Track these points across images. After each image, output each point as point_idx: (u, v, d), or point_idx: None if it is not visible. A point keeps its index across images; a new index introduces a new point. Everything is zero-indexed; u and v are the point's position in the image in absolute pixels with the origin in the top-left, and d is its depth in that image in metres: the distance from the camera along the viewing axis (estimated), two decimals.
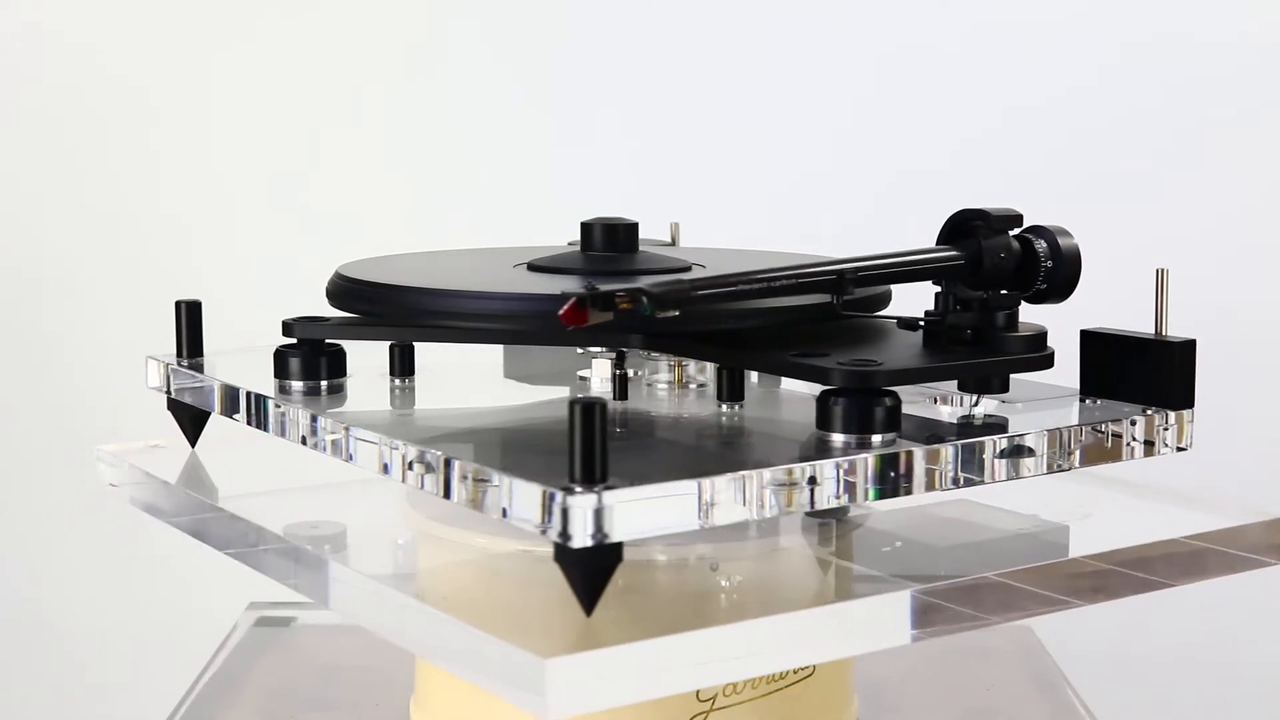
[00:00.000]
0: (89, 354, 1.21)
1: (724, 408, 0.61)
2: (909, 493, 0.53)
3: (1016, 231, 0.60)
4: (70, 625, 1.23)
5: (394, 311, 0.62)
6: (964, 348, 0.58)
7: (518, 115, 1.18)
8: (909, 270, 0.59)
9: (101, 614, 1.23)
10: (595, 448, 0.47)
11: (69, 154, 1.20)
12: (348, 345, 0.66)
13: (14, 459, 1.22)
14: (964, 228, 0.60)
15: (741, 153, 1.18)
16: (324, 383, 0.64)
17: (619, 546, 0.48)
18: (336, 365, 0.65)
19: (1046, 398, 0.62)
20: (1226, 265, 1.16)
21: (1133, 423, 0.58)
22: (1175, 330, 0.62)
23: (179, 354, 0.70)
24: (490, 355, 0.73)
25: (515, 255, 0.69)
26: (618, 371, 0.63)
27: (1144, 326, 0.63)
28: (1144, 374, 0.60)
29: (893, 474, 0.52)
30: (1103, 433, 0.58)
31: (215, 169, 1.20)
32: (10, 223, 1.21)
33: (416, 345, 0.67)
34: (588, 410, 0.46)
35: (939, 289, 0.59)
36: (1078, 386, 0.62)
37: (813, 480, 0.51)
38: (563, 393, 0.68)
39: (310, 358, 0.64)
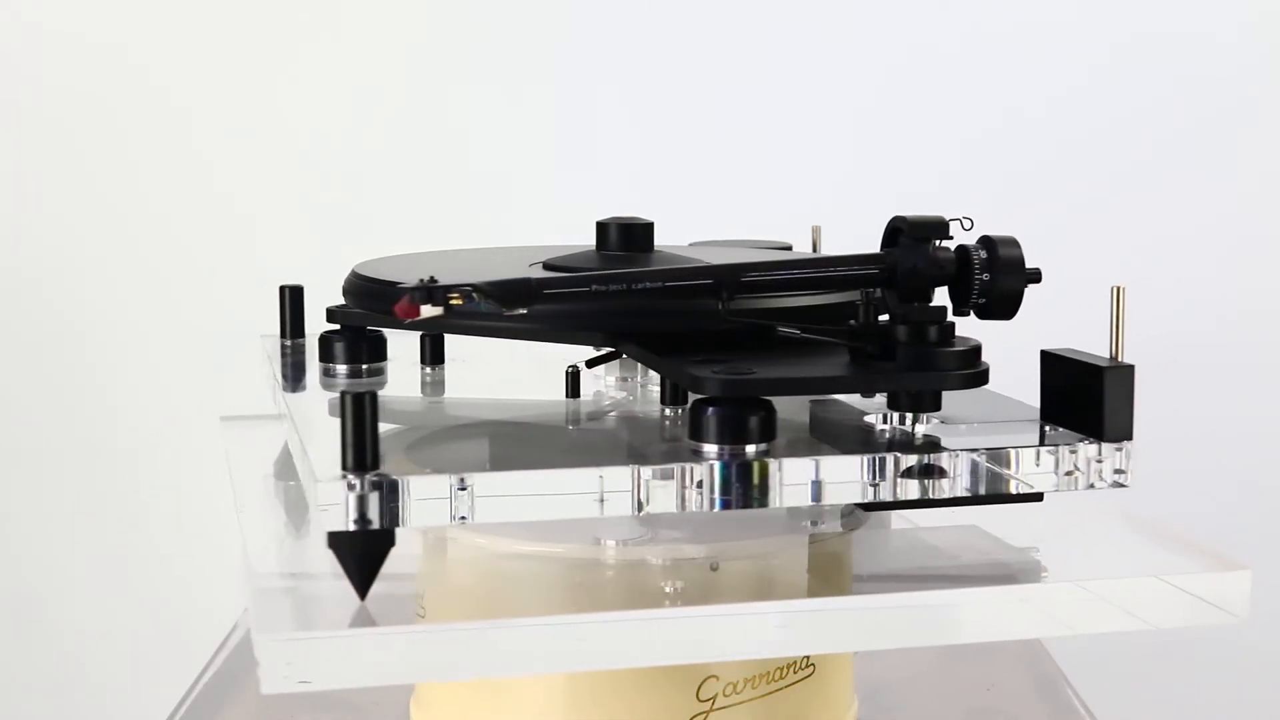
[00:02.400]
0: (92, 353, 1.21)
1: (668, 411, 0.62)
2: (762, 504, 0.51)
3: (959, 241, 0.56)
4: (70, 625, 1.23)
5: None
6: (885, 362, 0.54)
7: (520, 116, 1.18)
8: (814, 279, 0.57)
9: (101, 614, 1.23)
10: (365, 437, 0.48)
11: (83, 150, 1.20)
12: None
13: (14, 459, 1.22)
14: (895, 236, 0.57)
15: (741, 153, 1.18)
16: (365, 366, 0.68)
17: (389, 533, 0.49)
18: (377, 350, 0.69)
19: (998, 420, 0.58)
20: (1229, 266, 1.16)
21: (1051, 453, 0.53)
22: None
23: (283, 334, 0.74)
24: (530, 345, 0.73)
25: (531, 254, 0.69)
26: (570, 369, 0.64)
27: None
28: (1087, 400, 0.55)
29: (738, 485, 0.51)
30: (994, 462, 0.53)
31: (217, 170, 1.20)
32: (12, 220, 1.21)
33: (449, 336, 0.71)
34: (358, 401, 0.48)
35: (862, 299, 0.55)
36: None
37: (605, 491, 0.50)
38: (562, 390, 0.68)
39: (354, 343, 0.68)
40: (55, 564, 1.22)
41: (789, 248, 0.76)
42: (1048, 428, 0.56)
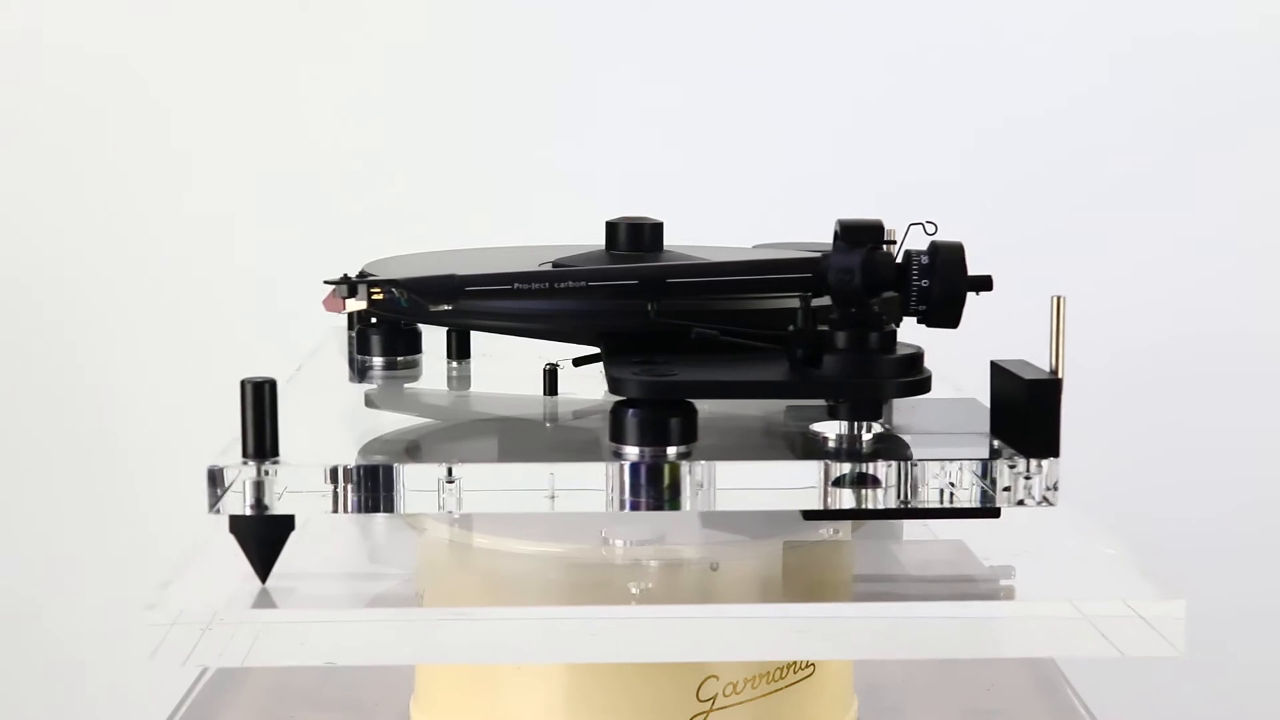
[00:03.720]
0: (89, 354, 1.21)
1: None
2: (674, 507, 0.51)
3: (907, 246, 0.54)
4: (70, 625, 1.23)
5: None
6: (814, 368, 0.53)
7: (524, 117, 1.18)
8: (742, 282, 0.56)
9: (101, 614, 1.22)
10: (265, 424, 0.50)
11: (83, 149, 1.20)
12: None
13: (14, 459, 1.22)
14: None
15: (742, 154, 1.18)
16: (399, 358, 0.70)
17: (289, 518, 0.51)
18: (412, 343, 0.71)
19: (949, 431, 0.56)
20: (1229, 274, 1.16)
21: (973, 469, 0.51)
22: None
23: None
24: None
25: (542, 254, 0.69)
26: (547, 367, 0.64)
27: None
28: (1018, 415, 0.52)
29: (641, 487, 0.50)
30: (907, 477, 0.51)
31: (218, 171, 1.20)
32: (7, 223, 1.21)
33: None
34: (257, 390, 0.50)
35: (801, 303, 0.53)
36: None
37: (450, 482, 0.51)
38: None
39: (390, 336, 0.70)
40: (54, 564, 1.22)
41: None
42: (996, 442, 0.53)
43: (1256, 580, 1.17)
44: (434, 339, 0.73)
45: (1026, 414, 0.51)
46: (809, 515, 0.52)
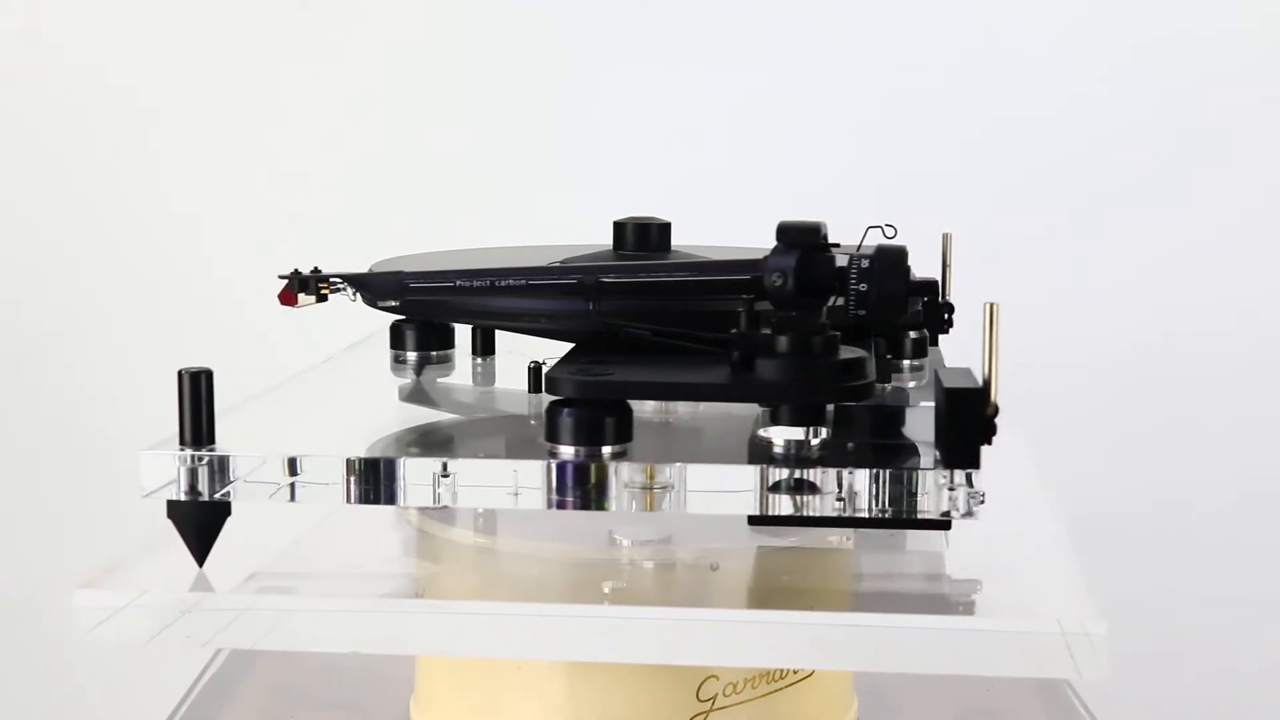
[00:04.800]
0: (88, 354, 1.21)
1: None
2: (600, 508, 0.51)
3: (861, 249, 0.53)
4: (70, 625, 1.23)
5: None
6: (749, 372, 0.52)
7: (526, 117, 1.18)
8: (679, 284, 0.55)
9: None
10: (201, 414, 0.52)
11: (61, 153, 1.20)
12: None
13: (13, 459, 1.22)
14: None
15: (743, 155, 1.18)
16: (433, 353, 0.71)
17: (225, 504, 0.53)
18: (445, 338, 0.71)
19: (896, 441, 0.55)
20: (1231, 273, 1.16)
21: (896, 478, 0.49)
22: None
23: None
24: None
25: (550, 254, 0.69)
26: (532, 365, 0.65)
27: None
28: (941, 424, 0.51)
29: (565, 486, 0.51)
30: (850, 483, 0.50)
31: (218, 171, 1.20)
32: (6, 223, 1.21)
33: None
34: (194, 380, 0.52)
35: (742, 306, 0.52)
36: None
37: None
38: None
39: (423, 331, 0.70)
40: (53, 564, 1.22)
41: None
42: (938, 453, 0.52)
43: (1257, 577, 1.17)
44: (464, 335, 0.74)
45: (947, 424, 0.49)
46: (753, 520, 0.51)
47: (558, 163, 1.19)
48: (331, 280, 0.57)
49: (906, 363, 0.67)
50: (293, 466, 0.52)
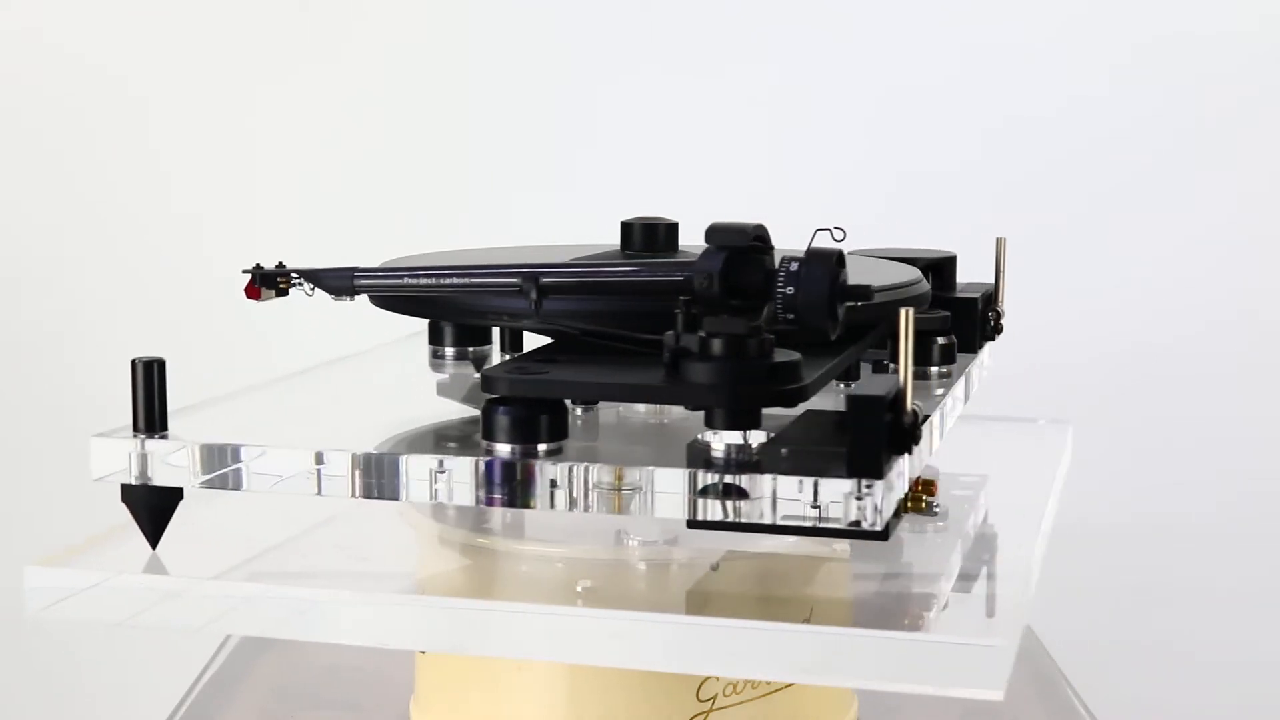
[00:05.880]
0: (86, 351, 1.21)
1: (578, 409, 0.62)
2: (525, 506, 0.50)
3: (798, 253, 0.51)
4: (70, 626, 1.23)
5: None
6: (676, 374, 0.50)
7: (528, 116, 1.18)
8: (618, 284, 0.55)
9: None
10: (154, 401, 0.54)
11: (63, 152, 1.20)
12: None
13: (12, 458, 1.22)
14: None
15: (744, 154, 1.18)
16: (470, 349, 0.73)
17: (177, 490, 0.55)
18: (480, 334, 0.73)
19: (833, 446, 0.51)
20: (1231, 271, 1.16)
21: (800, 487, 0.48)
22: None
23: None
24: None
25: (558, 254, 0.69)
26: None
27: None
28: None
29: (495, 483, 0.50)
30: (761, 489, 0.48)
31: (218, 172, 1.20)
32: (6, 223, 1.21)
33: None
34: (148, 368, 0.54)
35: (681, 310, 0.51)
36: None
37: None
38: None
39: (459, 326, 0.73)
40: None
41: (954, 258, 0.72)
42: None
43: (1257, 577, 1.17)
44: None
45: (849, 431, 0.47)
46: (691, 525, 0.50)
47: (558, 163, 1.19)
48: (291, 275, 0.59)
49: (934, 369, 0.65)
50: (234, 455, 0.54)
